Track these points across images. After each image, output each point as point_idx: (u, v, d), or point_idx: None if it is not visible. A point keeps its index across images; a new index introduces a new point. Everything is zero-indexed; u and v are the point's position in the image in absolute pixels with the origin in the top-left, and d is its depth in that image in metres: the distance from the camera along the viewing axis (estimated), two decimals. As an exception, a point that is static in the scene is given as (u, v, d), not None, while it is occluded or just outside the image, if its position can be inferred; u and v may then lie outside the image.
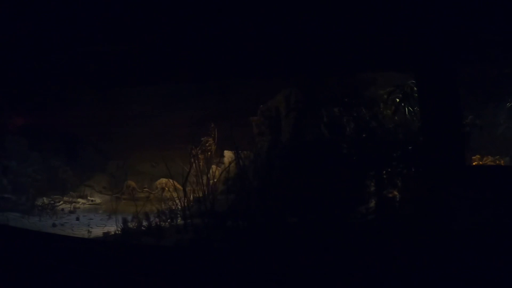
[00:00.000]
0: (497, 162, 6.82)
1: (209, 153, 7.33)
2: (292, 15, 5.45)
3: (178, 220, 6.58)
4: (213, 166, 7.85)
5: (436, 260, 3.63)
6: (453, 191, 4.39)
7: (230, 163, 7.30)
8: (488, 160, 6.85)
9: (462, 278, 3.31)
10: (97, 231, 6.55)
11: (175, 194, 8.15)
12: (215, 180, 7.50)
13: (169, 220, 6.63)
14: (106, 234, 6.15)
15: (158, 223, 6.48)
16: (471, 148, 6.33)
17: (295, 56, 6.21)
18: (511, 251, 3.59)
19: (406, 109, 6.05)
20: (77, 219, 7.71)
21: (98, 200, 9.15)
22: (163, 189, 8.94)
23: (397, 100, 6.01)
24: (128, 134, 9.76)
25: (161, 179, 9.14)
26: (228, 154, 7.56)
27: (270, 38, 5.89)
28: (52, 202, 8.53)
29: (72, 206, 8.66)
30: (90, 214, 8.30)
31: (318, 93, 6.74)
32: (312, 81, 7.04)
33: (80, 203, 8.87)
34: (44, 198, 8.64)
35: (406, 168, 5.49)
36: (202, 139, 7.42)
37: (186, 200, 7.37)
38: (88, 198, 9.14)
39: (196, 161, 7.81)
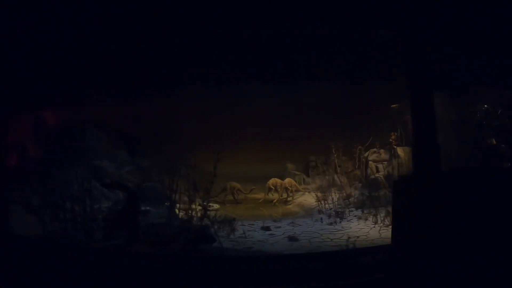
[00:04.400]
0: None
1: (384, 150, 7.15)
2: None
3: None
4: (371, 163, 7.65)
5: None
6: None
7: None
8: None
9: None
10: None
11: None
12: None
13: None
14: None
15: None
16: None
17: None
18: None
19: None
20: (267, 228, 6.00)
21: (216, 206, 7.26)
22: (286, 189, 7.92)
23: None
24: (186, 133, 8.27)
25: (273, 179, 8.09)
26: (399, 151, 7.52)
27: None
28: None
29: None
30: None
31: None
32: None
33: (197, 210, 6.77)
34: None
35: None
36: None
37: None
38: (202, 204, 7.09)
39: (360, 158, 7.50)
